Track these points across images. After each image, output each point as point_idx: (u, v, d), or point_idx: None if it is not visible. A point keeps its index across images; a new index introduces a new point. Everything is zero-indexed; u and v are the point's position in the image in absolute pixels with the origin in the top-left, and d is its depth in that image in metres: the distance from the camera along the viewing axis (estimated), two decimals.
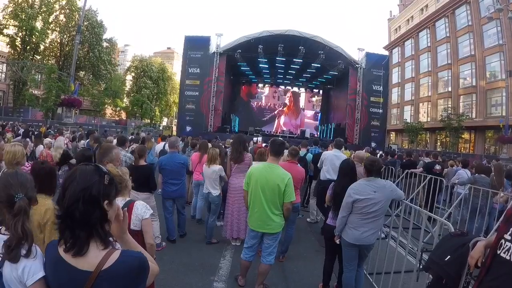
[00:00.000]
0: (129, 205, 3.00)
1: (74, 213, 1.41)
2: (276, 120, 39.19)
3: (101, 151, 3.74)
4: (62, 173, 6.68)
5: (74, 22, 36.79)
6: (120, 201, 2.90)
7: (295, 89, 39.14)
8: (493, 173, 8.13)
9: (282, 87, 39.11)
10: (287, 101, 39.56)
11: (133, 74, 56.65)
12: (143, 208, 3.05)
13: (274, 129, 38.19)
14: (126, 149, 7.46)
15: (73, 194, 1.42)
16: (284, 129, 38.01)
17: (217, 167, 6.39)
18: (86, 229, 1.44)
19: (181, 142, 11.77)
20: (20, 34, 34.54)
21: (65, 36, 38.57)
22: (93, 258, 1.44)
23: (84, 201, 1.42)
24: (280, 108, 39.38)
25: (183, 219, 6.57)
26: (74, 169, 1.53)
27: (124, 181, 3.05)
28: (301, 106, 40.07)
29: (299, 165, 6.01)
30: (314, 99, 40.20)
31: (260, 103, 39.27)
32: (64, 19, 38.01)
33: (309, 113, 40.20)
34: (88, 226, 1.44)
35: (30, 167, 4.23)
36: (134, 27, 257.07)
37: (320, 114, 39.67)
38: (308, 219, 8.65)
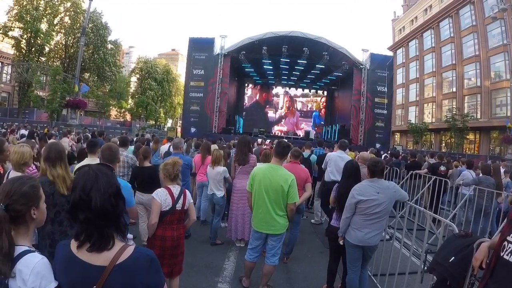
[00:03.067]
0: (183, 191, 3.88)
1: (108, 209, 1.48)
2: (282, 121, 39.40)
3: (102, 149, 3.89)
4: None
5: (79, 24, 36.78)
6: (177, 188, 3.87)
7: (294, 90, 39.28)
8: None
9: (285, 89, 39.20)
10: (285, 103, 39.83)
11: (137, 75, 56.77)
12: (189, 195, 3.98)
13: (277, 130, 38.34)
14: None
15: (104, 192, 1.48)
16: (283, 129, 38.45)
17: (221, 169, 6.41)
18: (114, 223, 1.51)
19: (184, 143, 11.80)
20: (25, 36, 34.62)
21: (70, 38, 38.65)
22: (107, 253, 1.48)
23: (114, 195, 1.51)
24: (281, 110, 39.65)
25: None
26: (86, 170, 1.56)
27: (179, 170, 4.00)
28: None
29: (302, 166, 6.00)
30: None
31: (264, 105, 39.39)
32: (69, 21, 38.05)
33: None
34: (117, 218, 1.52)
35: (35, 169, 4.27)
36: (138, 29, 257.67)
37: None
38: (312, 220, 8.66)
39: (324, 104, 39.46)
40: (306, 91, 39.54)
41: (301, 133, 36.97)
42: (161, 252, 3.63)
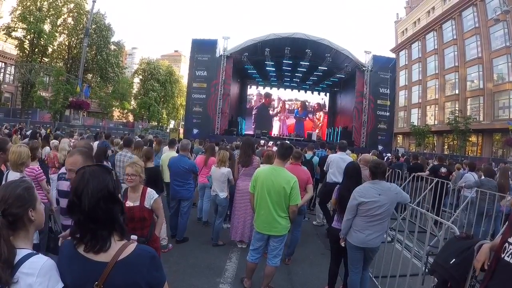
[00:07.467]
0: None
1: (97, 214, 1.47)
2: (277, 115, 39.66)
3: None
4: None
5: (82, 25, 36.94)
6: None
7: (296, 91, 39.49)
8: (497, 176, 8.10)
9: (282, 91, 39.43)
10: (281, 106, 40.18)
11: (140, 76, 56.85)
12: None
13: (278, 132, 38.37)
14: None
15: (92, 197, 1.47)
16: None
17: (225, 170, 6.42)
18: (109, 226, 1.51)
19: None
20: (28, 36, 34.74)
21: (73, 39, 38.80)
22: (110, 249, 1.49)
23: (105, 200, 1.50)
24: (277, 109, 39.90)
25: (183, 224, 6.40)
26: (81, 172, 1.55)
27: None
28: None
29: (303, 167, 6.01)
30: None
31: (267, 107, 39.55)
32: (72, 22, 38.20)
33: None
34: (111, 222, 1.51)
35: (40, 170, 4.29)
36: (141, 30, 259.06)
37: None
38: (314, 222, 8.65)
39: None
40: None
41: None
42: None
